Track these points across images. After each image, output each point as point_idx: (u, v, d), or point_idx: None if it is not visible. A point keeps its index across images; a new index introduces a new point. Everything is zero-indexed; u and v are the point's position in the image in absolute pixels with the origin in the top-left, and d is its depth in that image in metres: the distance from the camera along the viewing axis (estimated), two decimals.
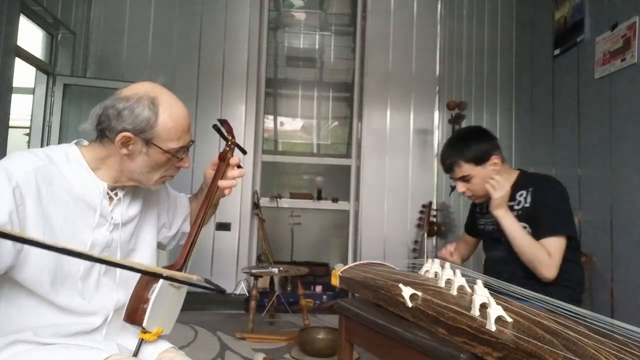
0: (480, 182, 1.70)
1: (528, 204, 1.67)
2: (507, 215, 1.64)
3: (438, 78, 4.64)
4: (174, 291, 1.18)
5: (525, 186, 1.71)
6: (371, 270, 1.57)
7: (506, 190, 1.65)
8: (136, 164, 1.07)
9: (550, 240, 1.58)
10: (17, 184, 0.95)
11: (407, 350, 1.14)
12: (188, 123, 1.11)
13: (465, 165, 1.70)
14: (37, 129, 3.81)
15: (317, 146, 5.24)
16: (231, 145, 1.31)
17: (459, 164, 1.71)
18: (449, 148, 1.77)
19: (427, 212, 4.30)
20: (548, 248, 1.58)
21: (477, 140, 1.73)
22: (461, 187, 1.74)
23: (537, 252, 1.57)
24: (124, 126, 1.03)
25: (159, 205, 1.27)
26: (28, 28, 3.59)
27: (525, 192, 1.70)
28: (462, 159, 1.70)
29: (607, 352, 0.76)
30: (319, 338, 2.74)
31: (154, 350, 1.18)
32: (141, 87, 1.07)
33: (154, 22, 4.54)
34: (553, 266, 1.56)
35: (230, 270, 4.41)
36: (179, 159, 1.11)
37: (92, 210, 1.06)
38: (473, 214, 1.99)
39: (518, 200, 1.71)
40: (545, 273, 1.56)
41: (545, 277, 1.57)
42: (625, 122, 2.06)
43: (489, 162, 1.70)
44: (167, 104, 1.06)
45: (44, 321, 1.02)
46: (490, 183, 1.67)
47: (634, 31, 2.00)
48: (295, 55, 5.18)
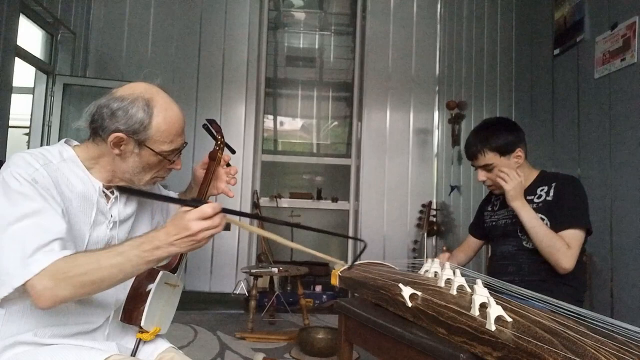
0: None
1: (550, 197, 1.69)
2: (525, 207, 1.65)
3: (438, 78, 4.63)
4: (171, 290, 1.19)
5: (548, 182, 1.73)
6: (371, 270, 1.57)
7: (518, 181, 1.66)
8: (128, 165, 1.07)
9: (570, 233, 1.60)
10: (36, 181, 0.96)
11: (407, 350, 1.14)
12: (182, 126, 1.11)
13: (490, 154, 1.71)
14: (37, 129, 3.81)
15: (317, 146, 5.24)
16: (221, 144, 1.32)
17: (483, 153, 1.72)
18: (476, 136, 1.77)
19: (427, 212, 4.31)
20: (567, 240, 1.59)
21: (505, 130, 1.74)
22: (482, 175, 1.76)
23: (556, 241, 1.58)
24: (117, 127, 1.02)
25: (153, 204, 1.28)
26: (28, 28, 3.59)
27: (548, 187, 1.72)
28: (488, 148, 1.71)
29: (607, 352, 0.76)
30: (319, 338, 2.74)
31: (154, 350, 1.18)
32: (137, 88, 1.07)
33: (154, 22, 4.54)
34: (572, 257, 1.58)
35: (230, 270, 4.41)
36: (170, 161, 1.11)
37: (93, 208, 1.07)
38: (483, 212, 1.99)
39: (539, 194, 1.73)
40: (564, 263, 1.57)
41: (563, 268, 1.58)
42: (625, 122, 2.06)
43: (513, 155, 1.71)
44: (162, 107, 1.06)
45: (45, 322, 1.02)
46: (500, 176, 1.68)
47: (634, 31, 2.00)
48: (295, 55, 5.18)
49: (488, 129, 1.77)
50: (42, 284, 0.89)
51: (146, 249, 0.94)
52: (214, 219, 0.95)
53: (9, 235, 0.92)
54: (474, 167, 1.80)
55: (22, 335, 1.00)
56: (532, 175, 1.78)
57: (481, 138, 1.74)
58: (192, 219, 0.94)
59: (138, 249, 0.94)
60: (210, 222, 0.95)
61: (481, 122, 1.88)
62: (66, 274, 0.91)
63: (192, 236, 0.94)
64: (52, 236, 0.94)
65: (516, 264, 1.73)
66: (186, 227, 0.94)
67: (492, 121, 1.89)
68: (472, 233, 2.05)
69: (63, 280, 0.90)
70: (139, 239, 0.97)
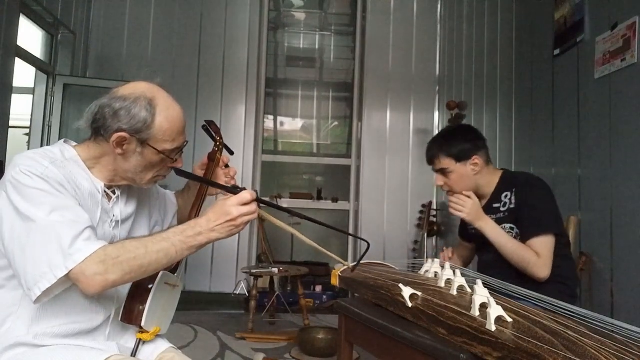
0: (458, 178, 1.74)
1: (513, 204, 1.69)
2: (487, 225, 1.66)
3: (438, 78, 4.63)
4: (170, 290, 1.19)
5: (509, 187, 1.73)
6: (371, 270, 1.57)
7: (470, 203, 1.67)
8: (130, 164, 1.08)
9: (538, 241, 1.60)
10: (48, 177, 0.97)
11: (407, 350, 1.14)
12: (183, 125, 1.12)
13: (445, 160, 1.74)
14: (37, 129, 3.81)
15: (317, 146, 5.24)
16: (219, 146, 1.33)
17: (439, 157, 1.75)
18: (434, 141, 1.82)
19: (427, 212, 4.31)
20: (536, 248, 1.59)
21: (461, 138, 1.76)
22: (439, 180, 1.78)
23: (525, 254, 1.58)
24: (119, 126, 1.03)
25: (150, 203, 1.29)
26: (28, 28, 3.59)
27: (510, 193, 1.72)
28: (443, 153, 1.74)
29: (607, 352, 0.76)
30: (319, 338, 2.74)
31: (154, 350, 1.18)
32: (138, 87, 1.07)
33: (154, 22, 4.54)
34: (543, 265, 1.57)
35: (230, 270, 4.41)
36: (173, 160, 1.12)
37: (98, 206, 1.08)
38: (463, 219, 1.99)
39: (503, 201, 1.73)
40: (537, 273, 1.57)
41: (538, 278, 1.58)
42: (625, 122, 2.06)
43: (469, 161, 1.73)
44: (165, 106, 1.07)
45: (45, 322, 1.02)
46: (452, 207, 1.70)
47: (634, 31, 1.99)
48: (295, 55, 5.18)
49: (445, 136, 1.83)
50: (92, 270, 0.92)
51: (189, 234, 1.00)
52: (251, 205, 1.02)
53: (39, 231, 0.93)
54: (433, 171, 1.83)
55: (22, 336, 1.00)
56: (494, 180, 1.78)
57: (438, 144, 1.78)
58: (233, 205, 1.00)
59: (181, 234, 1.00)
60: (248, 207, 1.02)
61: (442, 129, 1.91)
62: (117, 259, 0.94)
63: (232, 221, 1.00)
64: (82, 225, 0.96)
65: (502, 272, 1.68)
66: (227, 213, 1.00)
67: (451, 128, 1.93)
68: (461, 237, 2.05)
69: (113, 265, 0.94)
70: (182, 227, 1.02)
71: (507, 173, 1.81)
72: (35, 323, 1.01)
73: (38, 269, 0.92)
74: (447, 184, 1.77)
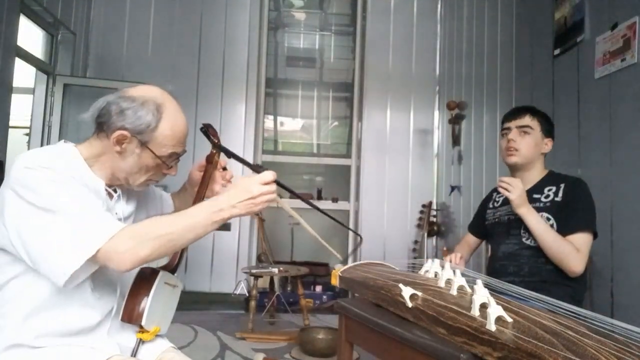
0: (532, 143, 1.78)
1: (559, 198, 1.72)
2: (530, 212, 1.68)
3: (438, 78, 4.63)
4: (170, 290, 1.19)
5: (557, 183, 1.77)
6: (371, 270, 1.57)
7: (520, 189, 1.68)
8: (126, 164, 1.09)
9: (580, 236, 1.63)
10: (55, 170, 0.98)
11: (407, 350, 1.14)
12: (185, 135, 1.14)
13: (535, 122, 1.80)
14: (37, 129, 3.81)
15: (317, 146, 5.24)
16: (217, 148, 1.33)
17: (532, 116, 1.81)
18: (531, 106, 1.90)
19: (427, 212, 4.31)
20: (576, 243, 1.62)
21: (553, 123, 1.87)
22: (514, 133, 1.80)
23: (565, 246, 1.61)
24: (123, 124, 1.05)
25: (148, 204, 1.30)
26: (28, 28, 3.59)
27: (556, 187, 1.75)
28: (538, 116, 1.82)
29: (607, 352, 0.76)
30: (319, 338, 2.74)
31: (154, 350, 1.18)
32: (149, 91, 1.10)
33: (154, 22, 4.54)
34: (582, 260, 1.61)
35: (230, 270, 4.41)
36: (168, 166, 1.13)
37: (103, 203, 1.08)
38: (484, 209, 1.99)
39: (546, 194, 1.76)
40: (574, 266, 1.60)
41: (573, 271, 1.61)
42: (625, 122, 2.06)
43: (547, 139, 1.82)
44: (171, 114, 1.09)
45: (46, 322, 1.02)
46: (502, 186, 1.71)
47: (634, 31, 2.00)
48: (295, 55, 5.18)
49: (543, 112, 1.89)
50: (124, 246, 0.95)
51: (212, 210, 1.03)
52: (272, 185, 1.07)
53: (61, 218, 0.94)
54: (505, 130, 1.84)
55: (22, 336, 1.00)
56: (541, 173, 1.83)
57: (536, 109, 1.86)
58: (254, 183, 1.05)
59: (205, 211, 1.03)
60: (268, 187, 1.06)
61: None
62: (146, 235, 0.97)
63: (252, 199, 1.04)
64: (100, 209, 1.00)
65: (516, 264, 1.74)
66: (248, 190, 1.04)
67: None
68: (472, 231, 2.05)
69: (142, 241, 0.97)
70: (205, 203, 1.07)
71: (555, 172, 1.86)
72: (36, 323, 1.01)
73: (63, 254, 0.93)
74: (519, 142, 1.79)
